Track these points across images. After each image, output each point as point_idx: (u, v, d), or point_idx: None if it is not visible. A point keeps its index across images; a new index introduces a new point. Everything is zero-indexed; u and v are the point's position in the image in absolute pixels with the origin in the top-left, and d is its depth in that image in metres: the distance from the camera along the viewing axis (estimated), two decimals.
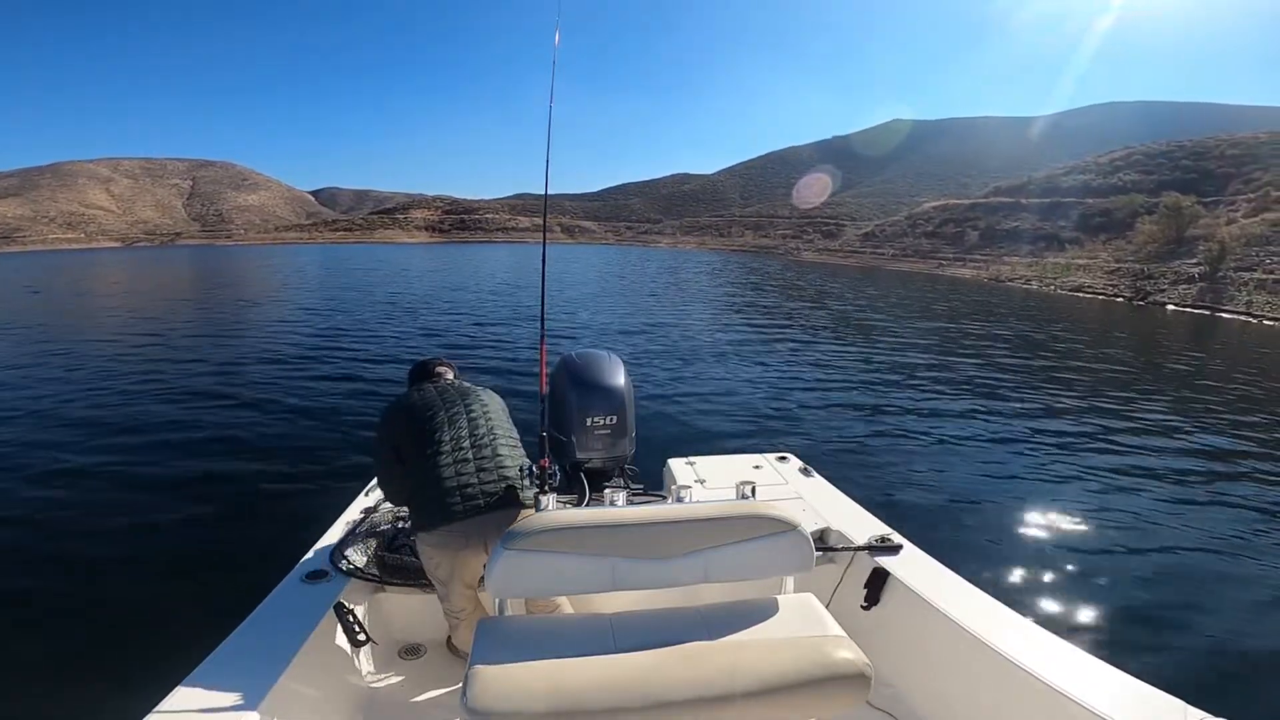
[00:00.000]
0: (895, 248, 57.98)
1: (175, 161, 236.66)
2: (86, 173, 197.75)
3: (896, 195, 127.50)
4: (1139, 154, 50.13)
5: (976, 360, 12.25)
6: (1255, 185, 34.58)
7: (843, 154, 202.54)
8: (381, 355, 11.85)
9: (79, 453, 6.36)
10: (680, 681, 1.35)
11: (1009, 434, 7.43)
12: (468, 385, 2.36)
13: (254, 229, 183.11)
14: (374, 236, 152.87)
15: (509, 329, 15.45)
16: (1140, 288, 28.26)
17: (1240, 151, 41.45)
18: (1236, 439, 7.44)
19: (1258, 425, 8.03)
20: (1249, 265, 25.08)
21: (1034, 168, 66.15)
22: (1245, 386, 10.48)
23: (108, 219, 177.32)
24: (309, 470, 5.87)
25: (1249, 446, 7.15)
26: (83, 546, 4.47)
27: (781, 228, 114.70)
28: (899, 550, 2.33)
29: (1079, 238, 38.87)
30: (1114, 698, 1.55)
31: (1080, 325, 19.52)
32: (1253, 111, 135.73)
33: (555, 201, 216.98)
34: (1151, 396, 9.44)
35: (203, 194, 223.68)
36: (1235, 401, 9.32)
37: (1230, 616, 3.83)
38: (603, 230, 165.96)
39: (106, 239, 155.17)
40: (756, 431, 7.33)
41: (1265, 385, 10.67)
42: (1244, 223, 29.36)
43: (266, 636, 1.87)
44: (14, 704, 2.93)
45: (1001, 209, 50.84)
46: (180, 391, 8.94)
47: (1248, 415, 8.50)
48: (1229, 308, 23.29)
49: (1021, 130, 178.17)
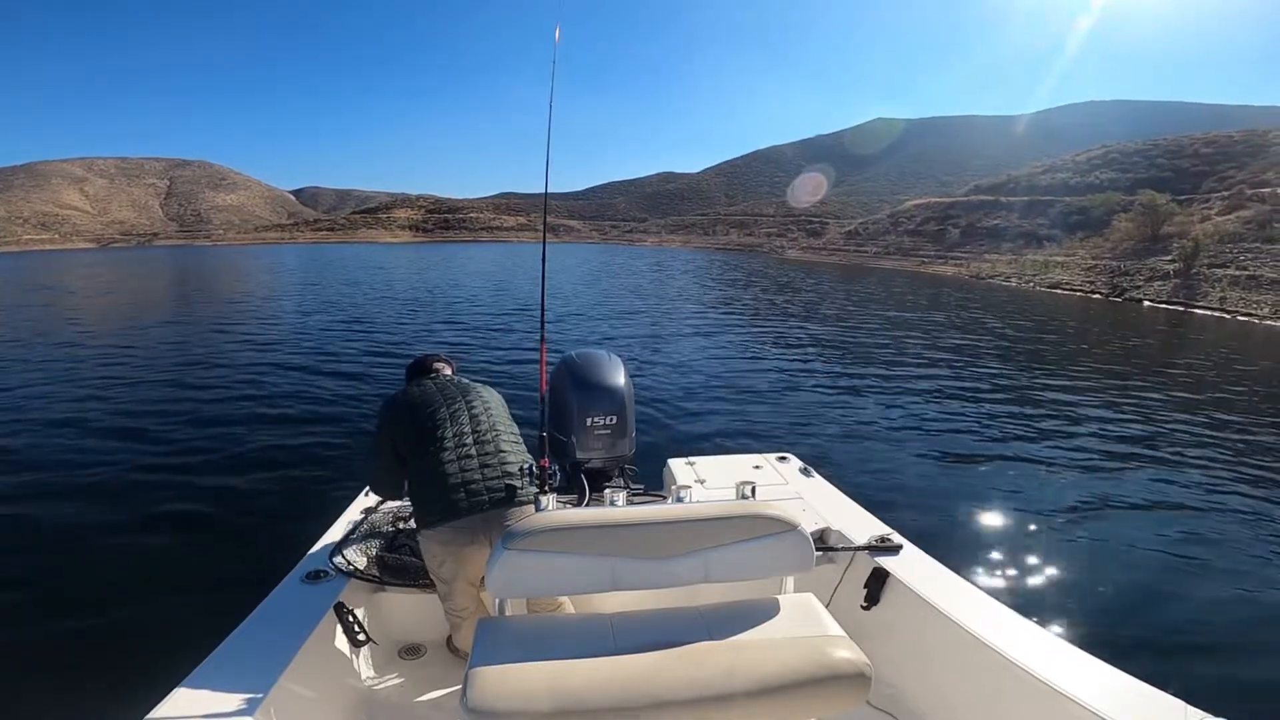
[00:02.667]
0: (878, 246, 58.50)
1: (152, 161, 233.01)
2: (61, 172, 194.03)
3: (879, 194, 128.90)
4: (1116, 153, 51.08)
5: (975, 359, 12.32)
6: (1229, 183, 35.44)
7: (826, 153, 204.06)
8: (380, 355, 11.79)
9: (78, 452, 6.29)
10: (680, 681, 1.35)
11: (1009, 434, 7.43)
12: (467, 381, 2.34)
13: (233, 229, 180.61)
14: (356, 236, 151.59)
15: (507, 328, 15.44)
16: (1117, 284, 28.71)
17: (1214, 150, 42.48)
18: (1247, 442, 7.32)
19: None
20: (1222, 262, 25.60)
21: (1016, 166, 67.07)
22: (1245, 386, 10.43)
23: (82, 219, 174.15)
24: (309, 470, 5.83)
25: (1251, 451, 7.02)
26: (82, 546, 4.43)
27: (766, 226, 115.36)
28: (899, 550, 2.33)
29: (1057, 235, 39.51)
30: (1114, 698, 1.55)
31: (1062, 323, 19.74)
32: (1231, 110, 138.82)
33: (540, 201, 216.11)
34: (1147, 396, 9.45)
35: (180, 194, 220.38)
36: (1245, 404, 9.22)
37: (1231, 617, 3.84)
38: (588, 229, 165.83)
39: (81, 240, 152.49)
40: (756, 431, 7.29)
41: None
42: (1217, 220, 30.03)
43: (266, 636, 1.86)
44: (14, 704, 2.90)
45: (982, 207, 51.53)
46: (180, 392, 8.84)
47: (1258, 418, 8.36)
48: (1202, 304, 23.76)
49: (1004, 129, 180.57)
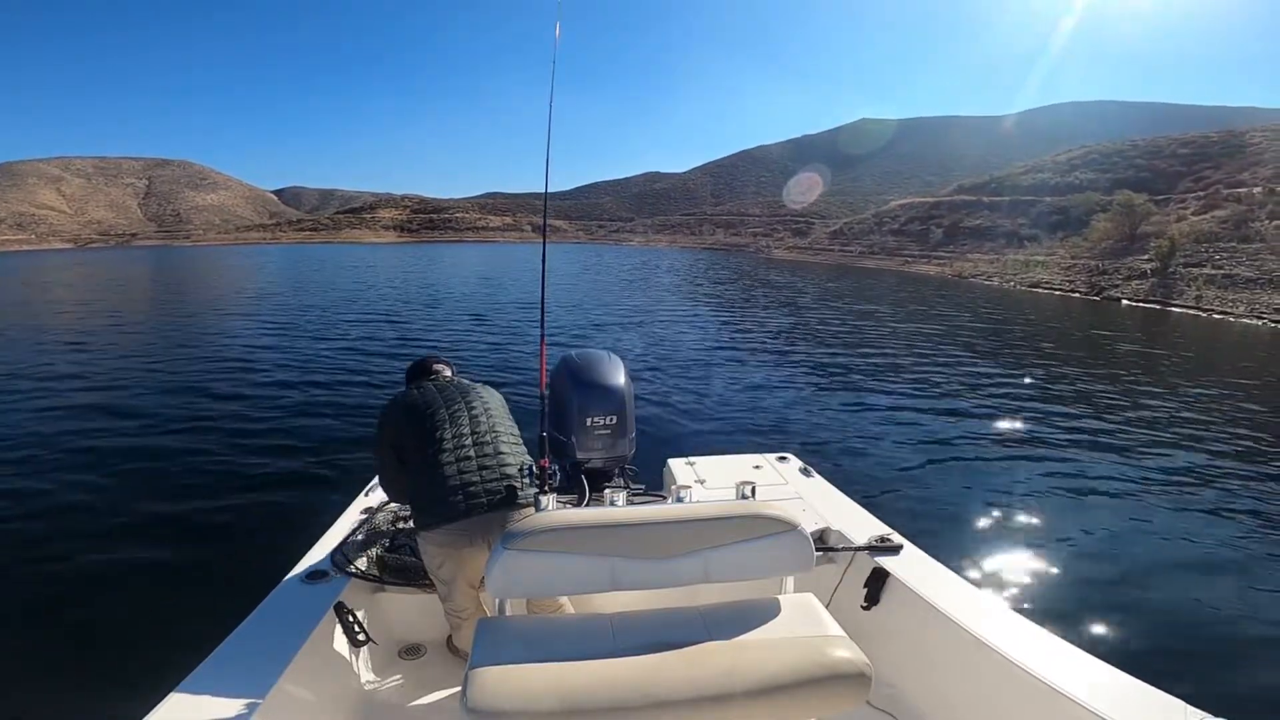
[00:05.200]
0: (863, 245, 58.94)
1: (130, 160, 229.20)
2: (37, 172, 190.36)
3: (865, 193, 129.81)
4: (1095, 153, 51.79)
5: (972, 359, 12.41)
6: (1205, 183, 36.07)
7: (813, 153, 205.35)
8: (378, 355, 11.79)
9: (78, 452, 6.27)
10: (680, 681, 1.35)
11: (1009, 434, 7.46)
12: (467, 382, 2.34)
13: (214, 229, 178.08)
14: (340, 236, 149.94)
15: (505, 329, 15.43)
16: (1095, 283, 29.09)
17: (1191, 150, 43.13)
18: (1240, 444, 7.31)
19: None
20: (1198, 261, 26.04)
21: (1000, 167, 67.85)
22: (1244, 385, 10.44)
23: (59, 219, 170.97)
24: (309, 470, 5.83)
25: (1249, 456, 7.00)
26: (83, 547, 4.41)
27: (752, 225, 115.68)
28: (899, 550, 2.33)
29: (1038, 235, 40.02)
30: (1114, 698, 1.55)
31: (1044, 321, 20.03)
32: (1208, 111, 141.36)
33: (526, 200, 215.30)
34: (1142, 395, 9.50)
35: (159, 193, 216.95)
36: (1245, 403, 9.20)
37: (1233, 616, 3.85)
38: (574, 229, 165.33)
39: (58, 240, 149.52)
40: (756, 431, 7.33)
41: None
42: (1193, 220, 30.56)
43: (266, 636, 1.86)
44: (14, 705, 2.89)
45: (964, 207, 52.10)
46: (179, 392, 8.81)
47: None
48: (1179, 302, 24.14)
49: (987, 130, 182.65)
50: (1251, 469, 6.43)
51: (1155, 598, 4.06)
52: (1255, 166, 35.50)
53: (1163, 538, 4.87)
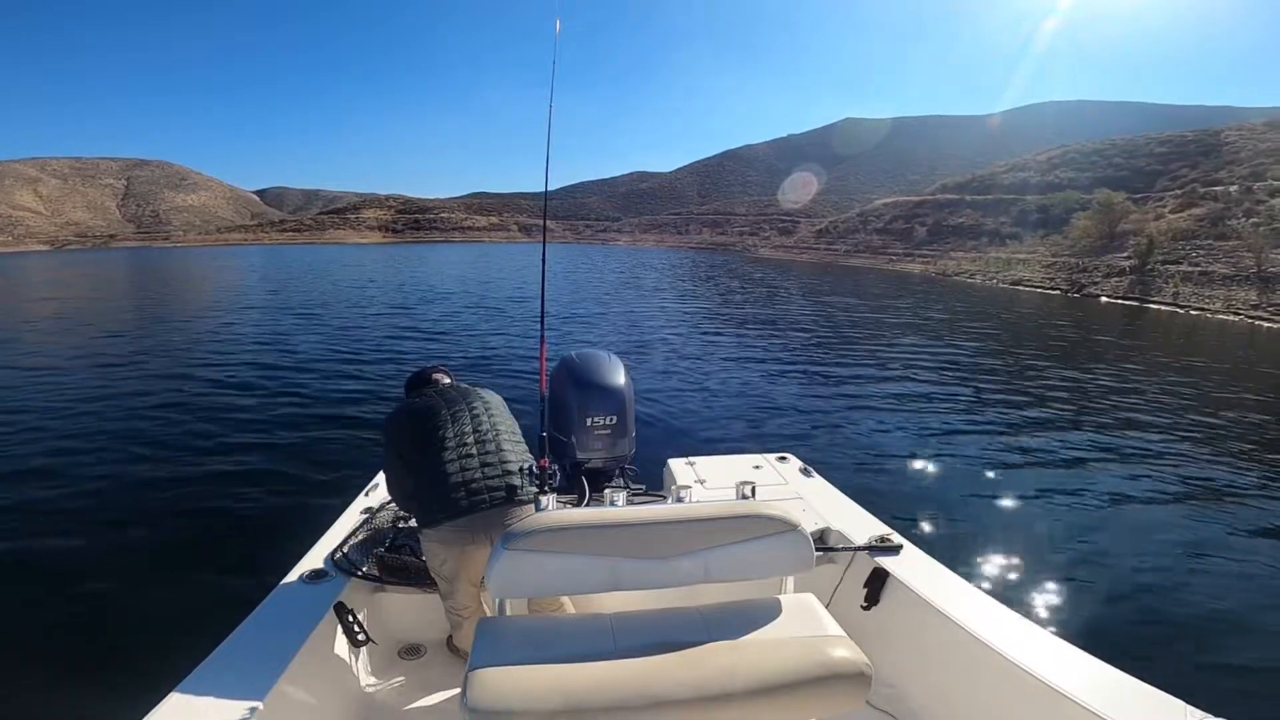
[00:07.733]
0: (848, 244, 59.32)
1: (108, 161, 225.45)
2: (12, 173, 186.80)
3: (850, 192, 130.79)
4: (1075, 152, 52.46)
5: (967, 359, 12.49)
6: (1182, 182, 36.63)
7: (798, 152, 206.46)
8: (377, 355, 11.76)
9: (78, 453, 6.22)
10: (681, 681, 1.34)
11: (1007, 434, 7.47)
12: (467, 386, 2.37)
13: (194, 230, 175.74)
14: (324, 237, 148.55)
15: (504, 329, 15.40)
16: (1075, 281, 29.50)
17: (1169, 149, 43.73)
18: (1240, 444, 7.27)
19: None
20: (1176, 259, 26.52)
21: (982, 165, 68.56)
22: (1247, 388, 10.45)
23: (35, 221, 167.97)
24: (310, 470, 5.79)
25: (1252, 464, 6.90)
26: (82, 547, 4.38)
27: (739, 225, 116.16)
28: (899, 550, 2.33)
29: (1020, 233, 40.55)
30: (1114, 698, 1.54)
31: (1030, 319, 20.25)
32: (1185, 110, 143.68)
33: (513, 200, 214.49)
34: (1137, 395, 9.55)
35: (138, 194, 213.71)
36: (1246, 404, 9.22)
37: (1232, 616, 3.82)
38: (561, 229, 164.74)
39: (35, 241, 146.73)
40: (756, 431, 7.30)
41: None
42: (1171, 218, 31.08)
43: (266, 636, 1.86)
44: (15, 705, 2.88)
45: (948, 206, 52.61)
46: (178, 392, 8.75)
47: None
48: (1157, 299, 24.54)
49: (972, 129, 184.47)
50: (1254, 469, 6.43)
51: (1155, 597, 4.04)
52: (1231, 165, 36.02)
53: (1164, 536, 4.83)
